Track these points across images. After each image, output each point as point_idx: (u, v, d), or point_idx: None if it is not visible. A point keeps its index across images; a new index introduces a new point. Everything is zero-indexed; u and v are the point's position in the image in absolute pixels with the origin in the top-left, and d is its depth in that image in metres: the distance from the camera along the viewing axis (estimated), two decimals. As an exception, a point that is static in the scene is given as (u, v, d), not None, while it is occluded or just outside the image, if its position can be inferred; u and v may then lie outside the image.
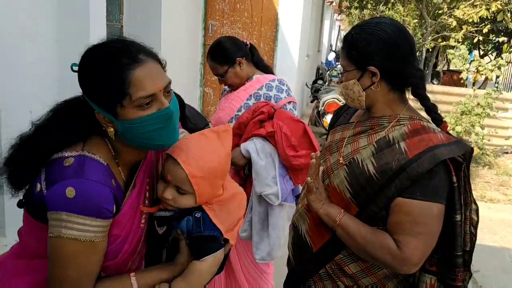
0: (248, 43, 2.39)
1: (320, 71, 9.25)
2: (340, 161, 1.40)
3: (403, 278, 1.43)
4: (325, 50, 15.31)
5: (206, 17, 6.23)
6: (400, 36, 1.32)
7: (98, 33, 2.80)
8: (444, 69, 13.91)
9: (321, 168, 1.46)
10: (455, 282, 1.34)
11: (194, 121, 1.91)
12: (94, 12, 2.82)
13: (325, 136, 1.68)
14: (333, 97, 6.56)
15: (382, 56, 1.30)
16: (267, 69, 2.43)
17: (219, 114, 2.37)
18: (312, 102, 7.95)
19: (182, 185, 1.11)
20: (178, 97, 1.30)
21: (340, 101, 6.64)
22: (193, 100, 6.23)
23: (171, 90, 1.11)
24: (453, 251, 1.32)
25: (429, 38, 9.14)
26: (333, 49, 13.09)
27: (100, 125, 1.08)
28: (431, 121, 1.39)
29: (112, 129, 1.06)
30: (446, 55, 8.88)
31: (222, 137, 1.17)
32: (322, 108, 6.62)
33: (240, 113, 2.25)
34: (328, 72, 8.58)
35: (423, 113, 1.44)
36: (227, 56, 2.26)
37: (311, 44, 8.76)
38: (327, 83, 8.01)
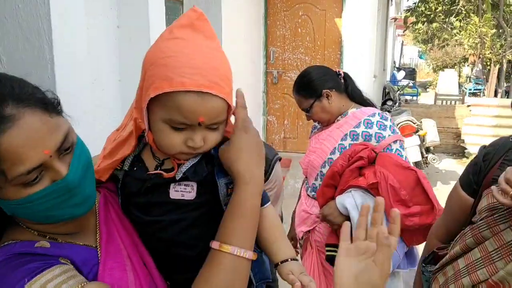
0: (341, 72, 2.05)
1: (387, 91, 8.72)
2: None
3: None
4: (389, 69, 14.68)
5: (267, 44, 6.04)
6: None
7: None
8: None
9: None
10: None
11: None
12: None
13: None
14: (406, 119, 6.11)
15: None
16: (366, 102, 2.05)
17: (310, 157, 2.03)
18: (382, 125, 7.44)
19: (219, 117, 0.83)
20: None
21: (414, 123, 6.14)
22: (256, 129, 6.00)
23: (73, 141, 0.77)
24: None
25: (509, 49, 8.31)
26: (397, 65, 12.46)
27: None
28: None
29: None
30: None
31: (198, 28, 0.82)
32: (396, 131, 6.12)
33: (334, 157, 1.89)
34: (399, 91, 8.02)
35: None
36: (312, 88, 1.94)
37: (377, 64, 8.30)
38: (397, 104, 7.47)
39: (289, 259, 0.92)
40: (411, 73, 15.14)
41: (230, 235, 0.82)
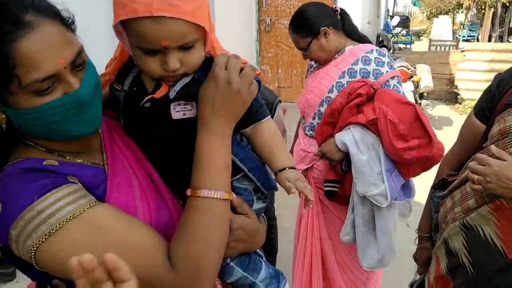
0: (338, 9, 2.00)
1: (381, 38, 8.61)
2: None
3: None
4: (383, 17, 14.37)
5: (259, -11, 5.85)
6: None
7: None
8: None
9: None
10: None
11: (263, 96, 1.62)
12: None
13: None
14: (401, 65, 6.09)
15: None
16: (362, 39, 2.01)
17: (307, 96, 2.02)
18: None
19: (186, 38, 0.78)
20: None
21: (409, 69, 6.13)
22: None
23: (85, 60, 0.78)
24: None
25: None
26: (390, 14, 12.20)
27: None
28: None
29: (3, 115, 0.79)
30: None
31: None
32: (390, 78, 6.12)
33: (332, 95, 1.88)
34: (393, 38, 7.91)
35: None
36: (309, 27, 1.89)
37: (371, 10, 8.12)
38: (391, 50, 7.41)
39: (287, 168, 0.93)
40: (404, 21, 14.86)
41: (199, 179, 0.84)
